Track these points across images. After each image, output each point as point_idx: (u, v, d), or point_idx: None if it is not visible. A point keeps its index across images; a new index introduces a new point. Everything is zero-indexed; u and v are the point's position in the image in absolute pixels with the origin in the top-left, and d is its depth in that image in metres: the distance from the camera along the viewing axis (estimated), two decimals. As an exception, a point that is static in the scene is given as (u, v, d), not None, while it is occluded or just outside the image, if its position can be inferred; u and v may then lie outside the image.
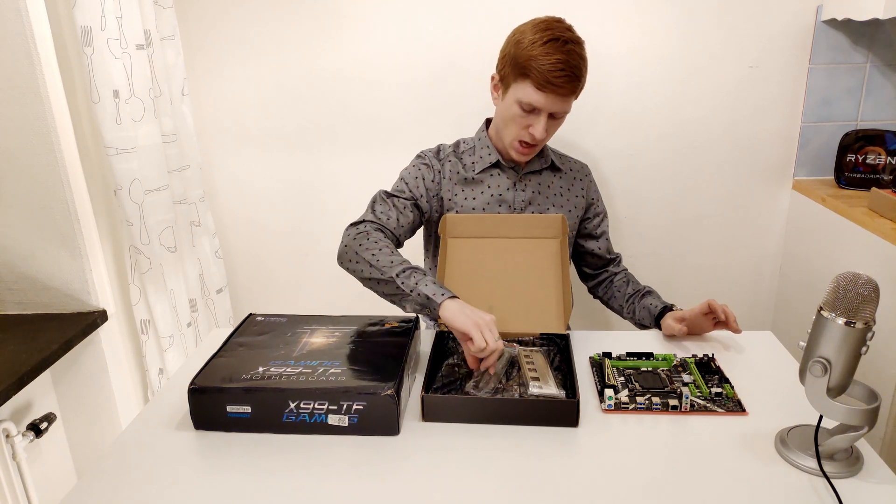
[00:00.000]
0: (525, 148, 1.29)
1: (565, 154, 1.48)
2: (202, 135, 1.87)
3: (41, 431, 1.35)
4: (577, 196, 1.41)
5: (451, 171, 1.37)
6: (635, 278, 1.45)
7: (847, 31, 1.71)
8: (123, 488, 0.86)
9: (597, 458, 0.89)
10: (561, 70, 1.18)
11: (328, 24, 1.76)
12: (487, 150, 1.36)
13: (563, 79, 1.19)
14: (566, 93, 1.22)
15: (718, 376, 1.07)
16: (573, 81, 1.21)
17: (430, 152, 1.40)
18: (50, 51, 1.35)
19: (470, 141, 1.41)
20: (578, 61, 1.21)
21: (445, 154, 1.39)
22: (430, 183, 1.36)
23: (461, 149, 1.40)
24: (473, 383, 1.03)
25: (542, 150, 1.39)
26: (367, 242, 1.19)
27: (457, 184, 1.36)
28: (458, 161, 1.38)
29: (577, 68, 1.20)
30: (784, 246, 1.92)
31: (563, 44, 1.19)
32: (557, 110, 1.24)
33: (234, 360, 1.04)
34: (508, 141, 1.30)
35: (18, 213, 1.39)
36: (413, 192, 1.34)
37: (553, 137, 1.49)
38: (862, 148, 1.71)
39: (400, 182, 1.36)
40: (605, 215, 1.48)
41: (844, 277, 0.80)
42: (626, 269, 1.49)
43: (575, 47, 1.21)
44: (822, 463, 0.84)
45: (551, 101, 1.22)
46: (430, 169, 1.37)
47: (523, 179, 1.37)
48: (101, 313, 1.46)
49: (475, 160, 1.37)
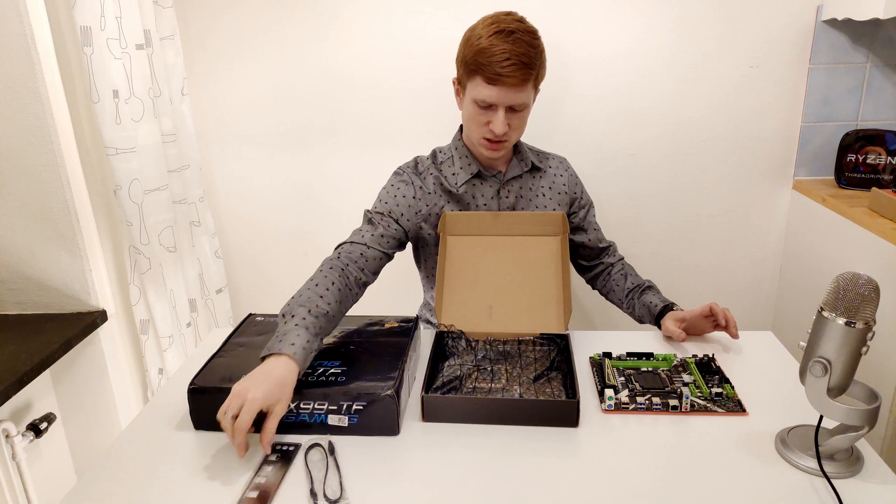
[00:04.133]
0: (492, 144, 1.26)
1: (543, 150, 1.44)
2: (202, 135, 1.87)
3: (41, 431, 1.35)
4: (560, 193, 1.39)
5: (435, 183, 1.34)
6: (634, 270, 1.43)
7: (847, 31, 1.71)
8: (123, 488, 0.86)
9: (597, 458, 0.89)
10: (507, 60, 1.15)
11: (328, 24, 1.76)
12: (467, 160, 1.33)
13: (510, 68, 1.16)
14: (516, 83, 1.18)
15: (718, 376, 1.07)
16: (522, 70, 1.17)
17: (407, 168, 1.37)
18: (50, 51, 1.35)
19: (447, 150, 1.37)
20: (527, 49, 1.17)
21: (425, 167, 1.36)
22: (410, 200, 1.33)
23: (439, 159, 1.37)
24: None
25: (521, 152, 1.36)
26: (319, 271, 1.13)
27: (441, 196, 1.34)
28: (439, 172, 1.35)
29: (525, 56, 1.16)
30: (784, 246, 1.92)
31: (509, 34, 1.16)
32: (513, 102, 1.20)
33: (234, 360, 1.04)
34: (475, 141, 1.28)
35: (18, 213, 1.39)
36: (393, 211, 1.31)
37: (551, 138, 1.48)
38: (862, 148, 1.71)
39: (379, 203, 1.33)
40: (590, 205, 1.45)
41: (844, 277, 0.80)
42: (623, 258, 1.46)
43: (523, 36, 1.17)
44: (822, 463, 0.84)
45: (504, 93, 1.19)
46: (409, 186, 1.33)
47: (506, 186, 1.35)
48: (100, 313, 1.46)
49: (455, 171, 1.34)
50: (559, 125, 1.83)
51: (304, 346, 0.96)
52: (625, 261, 1.46)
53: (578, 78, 1.79)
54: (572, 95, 1.80)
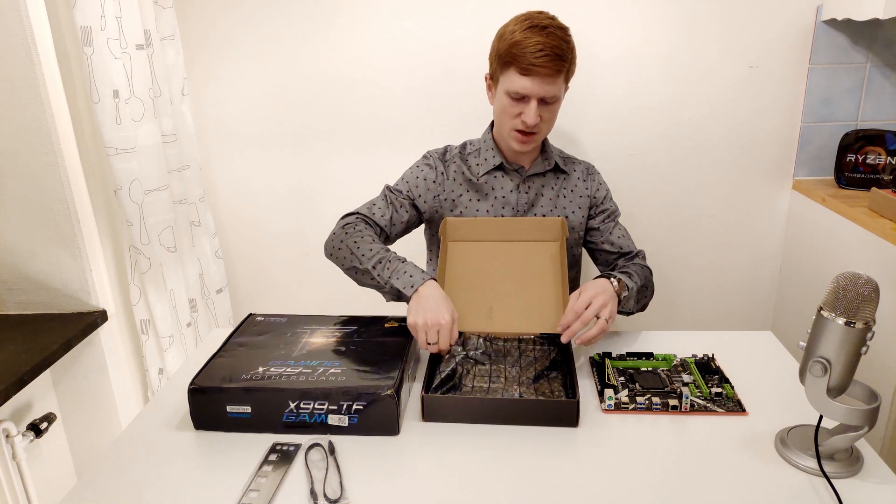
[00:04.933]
0: (523, 136, 1.29)
1: (571, 156, 1.46)
2: (202, 135, 1.87)
3: (41, 431, 1.35)
4: (581, 196, 1.40)
5: (456, 172, 1.38)
6: (641, 271, 1.31)
7: (847, 31, 1.71)
8: (123, 488, 0.86)
9: (597, 458, 0.89)
10: (540, 51, 1.19)
11: (328, 25, 1.76)
12: (492, 153, 1.37)
13: (544, 58, 1.20)
14: (550, 73, 1.21)
15: (718, 376, 1.07)
16: (556, 61, 1.21)
17: (435, 153, 1.41)
18: (50, 51, 1.35)
19: (476, 142, 1.41)
20: (560, 42, 1.21)
21: (451, 155, 1.40)
22: (430, 184, 1.37)
23: (467, 150, 1.41)
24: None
25: (547, 151, 1.38)
26: (352, 232, 1.25)
27: (461, 184, 1.37)
28: (464, 163, 1.38)
29: (558, 48, 1.20)
30: (784, 246, 1.92)
31: (542, 28, 1.21)
32: (546, 94, 1.24)
33: (234, 360, 1.04)
34: (506, 133, 1.30)
35: (18, 213, 1.39)
36: (412, 191, 1.37)
37: (551, 138, 1.48)
38: (862, 148, 1.71)
39: (401, 181, 1.39)
40: (612, 213, 1.42)
41: (844, 277, 0.80)
42: (644, 264, 1.35)
43: (556, 31, 1.22)
44: (822, 463, 0.84)
45: (537, 84, 1.22)
46: (432, 170, 1.38)
47: (527, 182, 1.37)
48: (100, 313, 1.46)
49: (479, 162, 1.37)
50: (559, 125, 1.82)
51: (423, 269, 1.17)
52: (644, 265, 1.35)
53: (578, 78, 1.78)
54: (572, 96, 1.80)
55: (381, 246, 1.22)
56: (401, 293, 1.16)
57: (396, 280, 1.16)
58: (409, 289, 1.14)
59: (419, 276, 1.14)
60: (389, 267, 1.17)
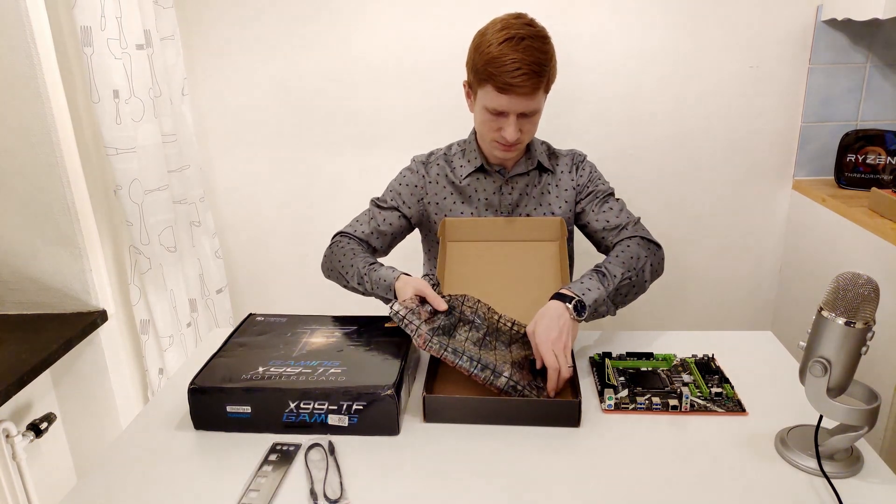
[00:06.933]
0: (505, 148, 1.26)
1: (557, 150, 1.41)
2: (202, 135, 1.87)
3: (41, 431, 1.35)
4: (567, 189, 1.36)
5: (439, 174, 1.37)
6: (629, 252, 1.23)
7: (847, 31, 1.71)
8: (123, 488, 0.86)
9: (597, 458, 0.89)
10: (517, 69, 1.14)
11: (328, 25, 1.76)
12: (474, 155, 1.34)
13: (521, 78, 1.14)
14: (528, 91, 1.17)
15: (718, 376, 1.07)
16: (533, 79, 1.15)
17: (419, 157, 1.40)
18: (50, 51, 1.35)
19: (462, 144, 1.40)
20: (538, 56, 1.15)
21: (435, 158, 1.39)
22: (413, 188, 1.37)
23: (452, 152, 1.39)
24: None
25: (530, 150, 1.36)
26: (338, 252, 1.30)
27: (445, 187, 1.36)
28: (447, 165, 1.37)
29: (535, 64, 1.15)
30: (784, 246, 1.92)
31: (519, 41, 1.14)
32: (525, 110, 1.20)
33: (234, 360, 1.04)
34: (488, 143, 1.28)
35: (19, 213, 1.39)
36: (396, 199, 1.37)
37: (551, 138, 1.48)
38: (862, 148, 1.71)
39: (386, 191, 1.40)
40: (599, 194, 1.35)
41: (844, 277, 0.80)
42: (638, 235, 1.27)
43: (533, 42, 1.15)
44: (822, 463, 0.84)
45: (515, 101, 1.18)
46: (415, 174, 1.38)
47: (509, 182, 1.34)
48: (100, 313, 1.46)
49: (462, 164, 1.36)
50: (559, 126, 1.83)
51: (393, 267, 1.21)
52: (634, 240, 1.26)
53: (578, 79, 1.79)
54: (572, 96, 1.80)
55: (361, 259, 1.25)
56: (386, 298, 1.19)
57: (378, 290, 1.20)
58: (389, 293, 1.17)
59: (391, 278, 1.17)
60: (369, 279, 1.21)
